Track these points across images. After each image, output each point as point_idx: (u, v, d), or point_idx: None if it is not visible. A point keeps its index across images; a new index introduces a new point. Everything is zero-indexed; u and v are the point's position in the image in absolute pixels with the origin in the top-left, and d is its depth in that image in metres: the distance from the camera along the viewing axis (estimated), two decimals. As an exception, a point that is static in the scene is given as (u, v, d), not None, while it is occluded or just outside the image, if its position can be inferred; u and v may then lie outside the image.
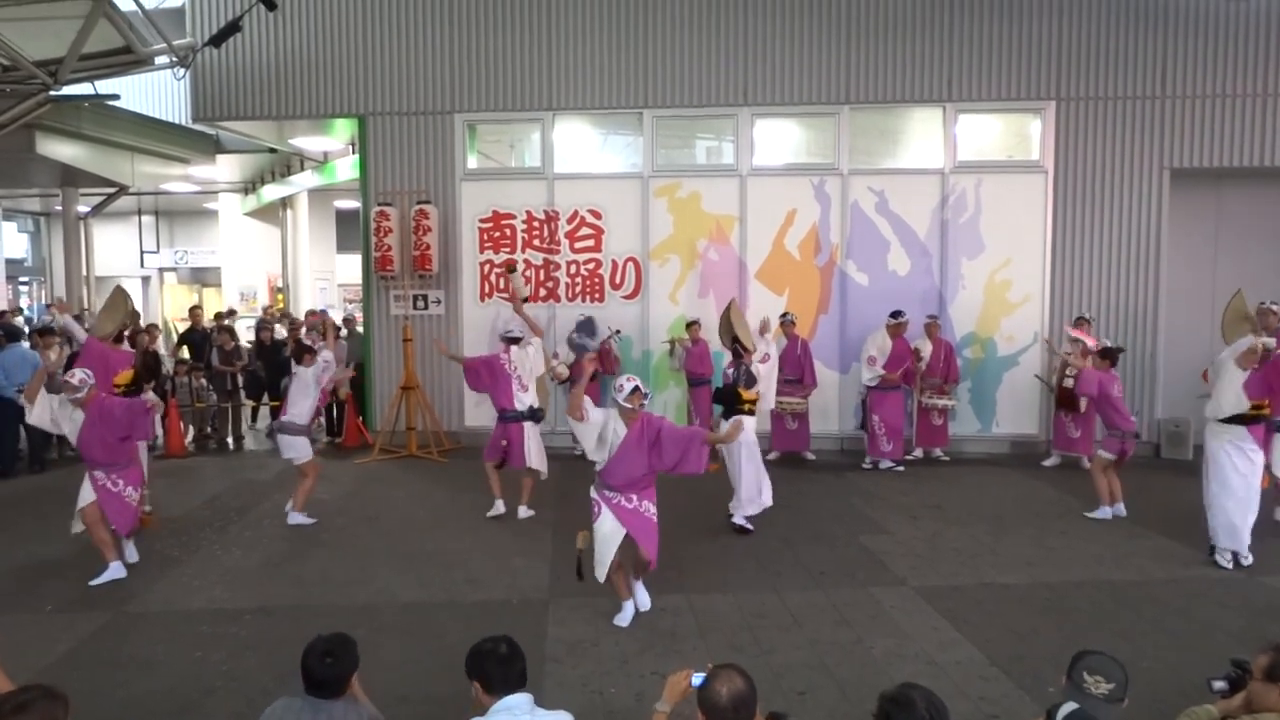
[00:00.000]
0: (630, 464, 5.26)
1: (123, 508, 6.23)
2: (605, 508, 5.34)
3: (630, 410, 5.25)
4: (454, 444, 10.70)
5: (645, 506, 5.38)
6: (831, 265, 10.56)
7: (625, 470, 5.27)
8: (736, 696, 2.53)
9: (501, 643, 2.89)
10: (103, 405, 6.15)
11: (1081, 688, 2.74)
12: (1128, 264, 10.36)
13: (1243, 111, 10.09)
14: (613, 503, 5.33)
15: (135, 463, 6.46)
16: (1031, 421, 10.52)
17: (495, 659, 2.84)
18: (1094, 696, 2.72)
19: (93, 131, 11.85)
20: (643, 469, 5.28)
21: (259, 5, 9.38)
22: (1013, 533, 7.26)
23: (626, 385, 5.26)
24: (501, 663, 2.84)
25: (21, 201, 18.62)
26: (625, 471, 5.28)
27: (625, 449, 5.24)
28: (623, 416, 5.28)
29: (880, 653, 4.97)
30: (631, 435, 5.24)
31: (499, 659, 2.84)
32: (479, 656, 2.87)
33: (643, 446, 5.24)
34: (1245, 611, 5.55)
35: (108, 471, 6.19)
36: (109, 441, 6.14)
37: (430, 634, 5.26)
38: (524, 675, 2.88)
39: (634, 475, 5.28)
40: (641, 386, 5.28)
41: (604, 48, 10.51)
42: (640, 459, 5.25)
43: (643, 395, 5.26)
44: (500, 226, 10.80)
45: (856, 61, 10.33)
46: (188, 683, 4.64)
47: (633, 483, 5.31)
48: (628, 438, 5.25)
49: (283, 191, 16.19)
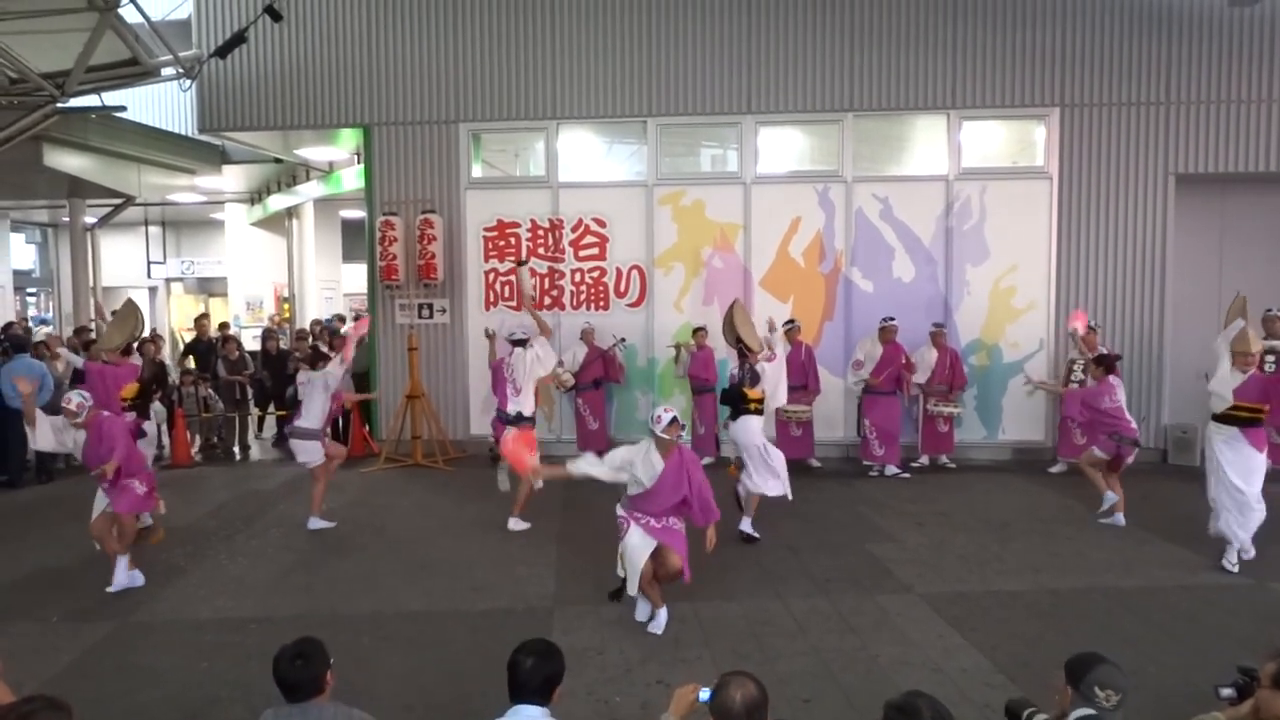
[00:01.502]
0: (666, 498, 5.28)
1: (129, 495, 6.26)
2: (634, 526, 5.33)
3: (668, 441, 5.23)
4: (459, 453, 10.71)
5: (673, 523, 5.41)
6: (836, 272, 10.56)
7: (663, 501, 5.28)
8: (749, 703, 2.52)
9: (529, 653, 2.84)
10: (101, 426, 6.18)
11: (1094, 701, 2.71)
12: (1133, 270, 10.33)
13: (1247, 117, 10.08)
14: (642, 522, 5.33)
15: (144, 471, 6.50)
16: (1037, 428, 10.49)
17: (516, 665, 2.83)
18: (1107, 709, 2.69)
19: (99, 143, 11.91)
20: (678, 500, 5.30)
21: (264, 17, 9.43)
22: (1019, 539, 7.23)
23: (665, 416, 5.20)
24: (517, 669, 2.82)
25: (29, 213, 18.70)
26: (662, 503, 5.29)
27: (663, 483, 5.23)
28: (659, 448, 5.25)
29: (886, 660, 4.95)
30: (669, 469, 5.23)
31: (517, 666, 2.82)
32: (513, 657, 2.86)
33: (681, 482, 5.24)
34: (1253, 618, 5.51)
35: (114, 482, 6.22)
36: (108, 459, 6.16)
37: (435, 643, 5.26)
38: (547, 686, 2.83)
39: (668, 505, 5.32)
40: (680, 418, 5.24)
41: (608, 57, 10.55)
42: (678, 493, 5.27)
43: (680, 427, 5.23)
44: (505, 235, 10.83)
45: (860, 69, 10.35)
46: (192, 692, 4.65)
47: (667, 511, 5.34)
48: (665, 473, 5.22)
49: (288, 201, 16.24)
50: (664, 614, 5.42)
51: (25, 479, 9.75)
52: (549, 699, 2.82)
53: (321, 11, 10.76)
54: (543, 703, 2.81)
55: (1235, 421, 6.34)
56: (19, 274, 19.89)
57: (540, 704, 2.80)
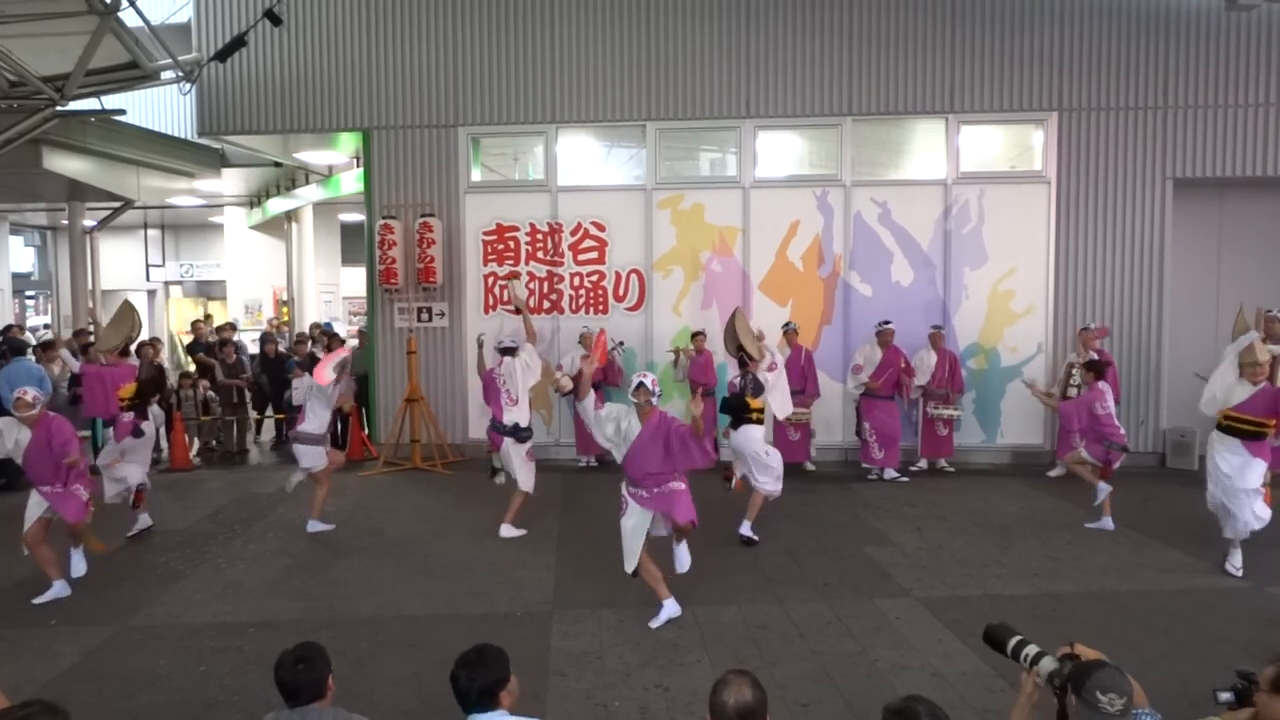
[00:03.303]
0: (645, 458, 5.48)
1: (71, 500, 6.15)
2: (631, 503, 5.58)
3: (641, 406, 5.50)
4: (458, 456, 10.70)
5: (669, 486, 5.55)
6: (835, 276, 10.57)
7: (641, 464, 5.49)
8: (745, 706, 2.52)
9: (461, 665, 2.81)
10: (50, 426, 6.07)
11: (1097, 707, 2.69)
12: (1131, 274, 10.35)
13: (1245, 121, 10.10)
14: (638, 497, 5.56)
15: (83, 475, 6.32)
16: (1036, 432, 10.50)
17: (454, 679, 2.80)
18: (1112, 714, 2.67)
19: (99, 146, 11.91)
20: (657, 464, 5.48)
21: (264, 20, 9.45)
22: (1018, 543, 7.23)
23: (634, 380, 5.59)
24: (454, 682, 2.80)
25: (28, 216, 18.69)
26: (641, 465, 5.49)
27: (640, 443, 5.49)
28: (638, 413, 5.55)
29: (884, 664, 4.95)
30: (646, 431, 5.48)
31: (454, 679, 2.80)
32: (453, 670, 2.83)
33: (657, 442, 5.45)
34: (1253, 622, 5.52)
35: (54, 485, 6.14)
36: (56, 462, 6.06)
37: (434, 647, 5.24)
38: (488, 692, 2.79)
39: (650, 469, 5.48)
40: (648, 383, 5.51)
41: (607, 60, 10.57)
42: (655, 454, 5.46)
43: (648, 392, 5.49)
44: (504, 239, 10.84)
45: (859, 73, 10.37)
46: (191, 696, 4.64)
47: (651, 475, 5.50)
48: (642, 433, 5.49)
49: (288, 205, 16.25)
50: (669, 607, 5.55)
51: (20, 481, 9.71)
52: (495, 703, 2.80)
53: (321, 16, 10.77)
54: (491, 707, 2.80)
55: (1238, 434, 6.35)
56: (18, 277, 19.89)
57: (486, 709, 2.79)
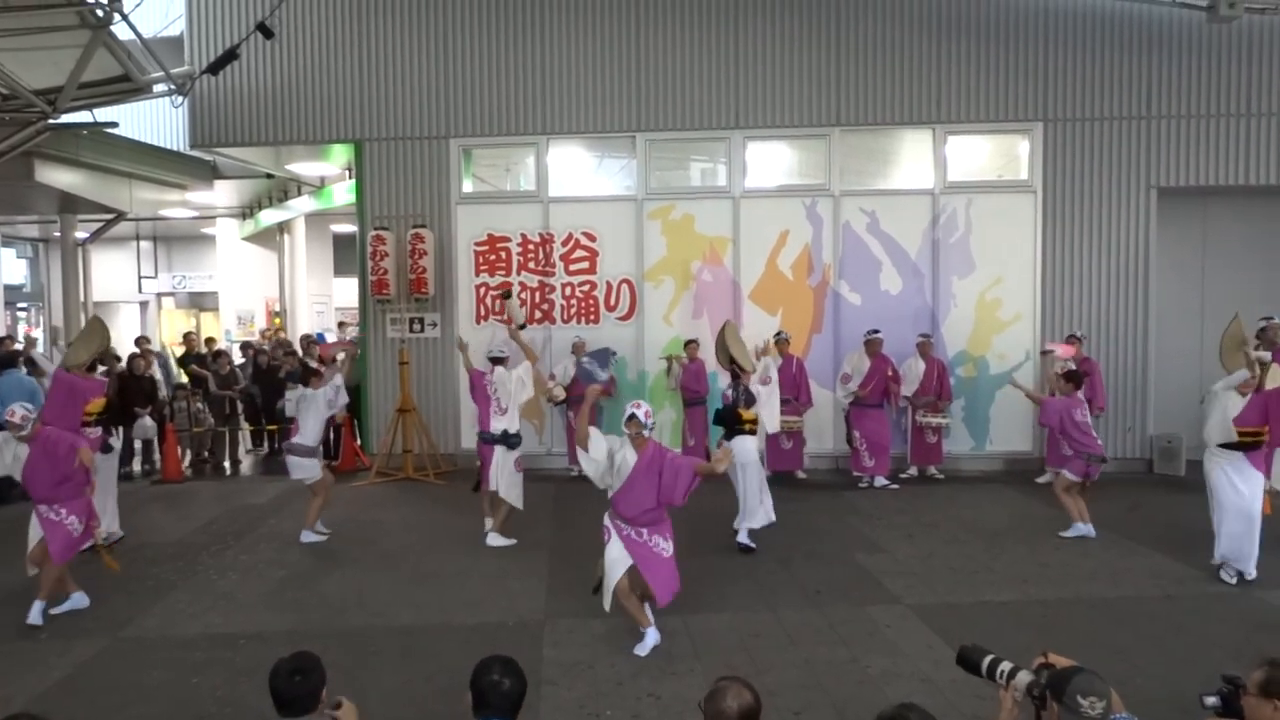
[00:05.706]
0: (639, 493, 5.19)
1: (62, 536, 6.01)
2: (615, 536, 5.29)
3: (634, 438, 5.22)
4: (450, 466, 10.70)
5: (656, 542, 5.28)
6: (824, 285, 10.64)
7: (634, 500, 5.21)
8: (748, 708, 2.55)
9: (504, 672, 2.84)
10: (47, 440, 5.97)
11: (1079, 711, 2.72)
12: (1117, 281, 10.45)
13: (1227, 131, 10.23)
14: (623, 533, 5.27)
15: (82, 497, 6.19)
16: (1025, 439, 10.57)
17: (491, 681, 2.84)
18: (1093, 717, 2.70)
19: (91, 159, 11.92)
20: (652, 501, 5.20)
21: (256, 33, 9.49)
22: (1008, 550, 7.28)
23: (626, 411, 5.26)
24: (495, 688, 2.84)
25: (20, 228, 18.67)
26: (635, 501, 5.21)
27: (634, 477, 5.19)
28: (632, 443, 5.24)
29: (876, 672, 4.98)
30: (641, 464, 5.18)
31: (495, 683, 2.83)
32: (480, 671, 2.87)
33: (652, 476, 5.15)
34: (1241, 627, 5.57)
35: (50, 504, 6.04)
36: (54, 477, 5.98)
37: (426, 657, 5.26)
38: (516, 705, 2.83)
39: (644, 506, 5.21)
40: (640, 415, 5.20)
41: (597, 72, 10.65)
42: (650, 489, 5.17)
43: (640, 424, 5.19)
44: (496, 249, 10.88)
45: (847, 84, 10.47)
46: (183, 709, 4.64)
47: (643, 514, 5.23)
48: (637, 465, 5.18)
49: (280, 216, 16.26)
50: (651, 636, 5.29)
51: (13, 494, 9.68)
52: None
53: (313, 28, 10.83)
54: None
55: (1238, 447, 6.41)
56: (10, 289, 19.84)
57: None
